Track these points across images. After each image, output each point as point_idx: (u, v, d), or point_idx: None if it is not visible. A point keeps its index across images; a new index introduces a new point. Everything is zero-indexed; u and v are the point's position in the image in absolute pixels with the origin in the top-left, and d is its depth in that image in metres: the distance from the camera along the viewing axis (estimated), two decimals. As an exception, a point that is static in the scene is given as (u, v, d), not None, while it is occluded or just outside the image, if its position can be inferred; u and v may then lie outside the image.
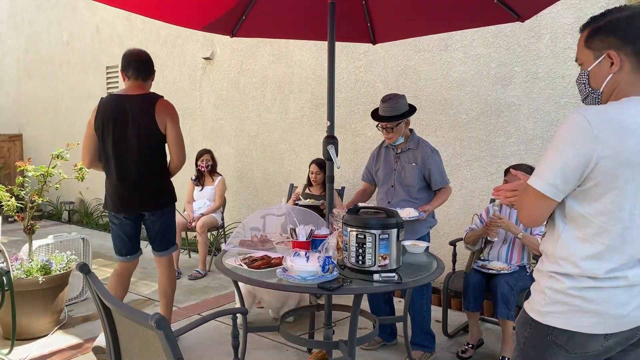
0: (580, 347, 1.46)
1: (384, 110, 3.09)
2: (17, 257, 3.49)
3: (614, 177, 1.37)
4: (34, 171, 3.54)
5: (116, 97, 3.09)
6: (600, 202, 1.40)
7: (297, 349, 3.31)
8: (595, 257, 1.42)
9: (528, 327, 1.54)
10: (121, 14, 7.01)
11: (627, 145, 1.35)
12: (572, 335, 1.45)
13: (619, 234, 1.40)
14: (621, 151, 1.35)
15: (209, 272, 5.03)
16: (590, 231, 1.42)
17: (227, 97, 6.03)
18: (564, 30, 3.76)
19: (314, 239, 2.50)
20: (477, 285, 3.15)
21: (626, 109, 1.38)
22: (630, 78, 1.43)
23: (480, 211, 3.53)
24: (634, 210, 1.40)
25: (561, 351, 1.48)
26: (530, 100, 3.94)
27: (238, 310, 2.32)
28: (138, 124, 2.99)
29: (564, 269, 1.46)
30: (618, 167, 1.36)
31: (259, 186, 5.84)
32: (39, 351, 3.25)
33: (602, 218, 1.41)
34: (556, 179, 1.40)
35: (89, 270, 1.63)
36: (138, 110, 3.00)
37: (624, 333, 1.44)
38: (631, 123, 1.36)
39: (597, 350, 1.47)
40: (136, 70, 3.06)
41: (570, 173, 1.39)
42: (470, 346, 3.28)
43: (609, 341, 1.45)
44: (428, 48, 4.44)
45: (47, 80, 8.39)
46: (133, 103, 3.01)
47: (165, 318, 1.26)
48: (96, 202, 7.74)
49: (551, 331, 1.48)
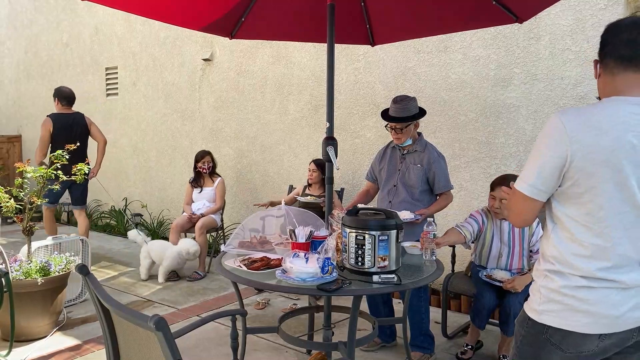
0: (574, 346, 1.47)
1: (395, 111, 3.12)
2: (16, 258, 3.49)
3: (590, 176, 1.40)
4: (33, 172, 3.54)
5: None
6: (580, 201, 1.44)
7: (296, 351, 3.30)
8: (585, 256, 1.44)
9: (525, 326, 1.57)
10: (120, 15, 7.01)
11: (601, 144, 1.38)
12: (566, 335, 1.46)
13: (604, 233, 1.42)
14: (595, 150, 1.38)
15: (208, 273, 5.03)
16: (575, 231, 1.45)
17: (227, 99, 6.03)
18: (563, 32, 3.77)
19: (313, 240, 2.50)
20: (492, 306, 3.08)
21: (601, 109, 1.43)
22: (606, 80, 1.49)
23: (472, 211, 3.46)
24: (615, 209, 1.41)
25: (556, 350, 1.49)
26: (529, 102, 3.95)
27: (237, 312, 2.32)
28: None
29: (556, 267, 1.48)
30: (593, 165, 1.39)
31: (258, 187, 5.84)
32: (38, 353, 3.24)
33: (585, 218, 1.44)
34: (536, 180, 1.47)
35: (87, 272, 1.63)
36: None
37: (618, 334, 1.45)
38: (606, 123, 1.39)
39: (592, 351, 1.47)
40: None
41: (549, 174, 1.45)
42: (469, 347, 3.28)
43: (604, 342, 1.45)
44: (427, 49, 4.45)
45: (46, 81, 8.39)
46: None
47: (165, 319, 1.25)
48: (95, 203, 7.73)
49: (546, 330, 1.49)
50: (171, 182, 6.72)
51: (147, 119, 6.96)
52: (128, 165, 7.31)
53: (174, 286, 4.65)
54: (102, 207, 7.67)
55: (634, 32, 1.42)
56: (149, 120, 6.94)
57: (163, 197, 6.85)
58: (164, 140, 6.78)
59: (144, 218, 6.89)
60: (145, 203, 7.00)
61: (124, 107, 7.25)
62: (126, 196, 7.31)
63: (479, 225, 3.24)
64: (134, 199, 7.22)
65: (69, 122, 5.25)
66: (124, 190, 7.38)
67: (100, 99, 7.57)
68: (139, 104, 7.04)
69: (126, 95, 7.20)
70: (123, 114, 7.28)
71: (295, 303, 4.21)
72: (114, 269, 5.24)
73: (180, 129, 6.57)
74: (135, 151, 7.18)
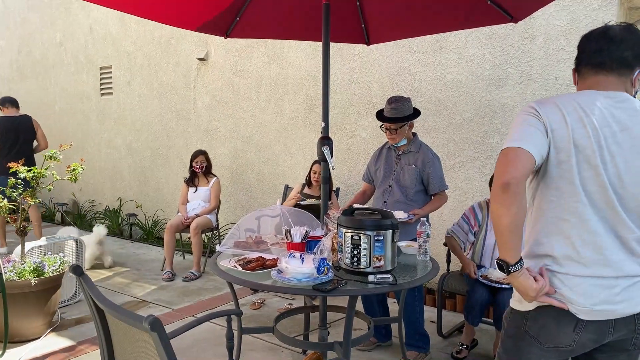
0: (551, 339, 1.50)
1: (389, 112, 3.13)
2: (9, 259, 3.47)
3: (566, 152, 1.46)
4: (27, 172, 3.52)
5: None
6: (556, 184, 1.49)
7: (292, 351, 3.30)
8: (558, 241, 1.50)
9: (507, 319, 1.63)
10: (115, 14, 6.98)
11: (568, 124, 1.46)
12: (542, 326, 1.51)
13: (570, 222, 1.48)
14: (564, 128, 1.46)
15: (203, 273, 5.02)
16: (550, 215, 1.51)
17: (222, 98, 6.02)
18: (557, 32, 3.78)
19: (309, 241, 2.50)
20: (484, 302, 3.11)
21: (568, 96, 1.54)
22: (582, 86, 1.60)
23: (465, 210, 3.48)
24: (586, 197, 1.46)
25: (534, 342, 1.53)
26: (524, 102, 3.96)
27: (233, 312, 2.31)
28: None
29: (533, 249, 1.55)
30: (566, 141, 1.46)
31: (253, 187, 5.83)
32: (32, 354, 3.23)
33: (558, 201, 1.49)
34: (523, 136, 1.48)
35: (82, 272, 1.62)
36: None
37: (594, 326, 1.47)
38: (572, 107, 1.48)
39: (570, 346, 1.50)
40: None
41: (538, 134, 1.47)
42: (464, 347, 3.29)
43: (579, 335, 1.48)
44: (422, 49, 4.46)
45: (40, 81, 8.34)
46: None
47: (160, 320, 1.25)
48: (89, 203, 7.70)
49: (525, 321, 1.54)
50: (166, 182, 6.69)
51: (141, 119, 6.93)
52: (122, 165, 7.28)
53: (169, 286, 4.64)
54: (96, 207, 7.64)
55: (601, 42, 1.54)
56: (143, 120, 6.91)
57: (158, 197, 6.82)
58: (158, 140, 6.75)
59: (139, 218, 6.87)
60: (139, 203, 6.98)
61: (119, 106, 7.22)
62: (120, 196, 7.28)
63: (469, 225, 3.28)
64: (128, 199, 7.19)
65: (15, 124, 5.56)
66: (119, 190, 7.34)
67: (95, 99, 7.53)
68: (133, 103, 7.01)
69: (121, 95, 7.17)
70: (117, 114, 7.25)
71: (290, 303, 4.21)
72: (108, 269, 5.22)
73: (175, 128, 6.54)
74: (130, 151, 7.15)
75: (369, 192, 3.46)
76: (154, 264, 5.37)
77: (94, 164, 7.52)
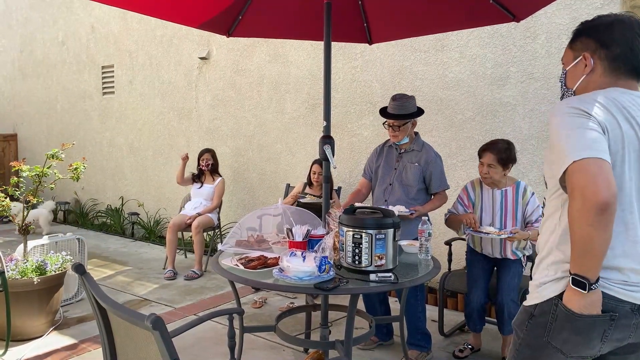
0: (577, 349, 1.43)
1: (393, 109, 3.13)
2: (11, 257, 3.48)
3: (619, 155, 1.37)
4: (29, 171, 3.53)
5: None
6: None
7: (293, 349, 3.31)
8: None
9: (525, 328, 1.53)
10: (117, 13, 6.99)
11: (621, 125, 1.37)
12: (567, 339, 1.43)
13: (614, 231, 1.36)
14: (617, 129, 1.37)
15: (205, 272, 5.02)
16: None
17: (223, 97, 6.02)
18: (559, 31, 3.78)
19: (311, 239, 2.50)
20: (481, 307, 3.11)
21: (601, 95, 1.42)
22: (600, 81, 1.48)
23: (459, 192, 3.42)
24: (637, 204, 1.39)
25: (557, 354, 1.46)
26: (525, 101, 3.96)
27: (234, 311, 2.31)
28: None
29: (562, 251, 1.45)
30: (620, 143, 1.37)
31: (255, 186, 5.83)
32: (34, 352, 3.23)
33: None
34: (590, 143, 1.31)
35: (84, 271, 1.62)
36: None
37: (621, 329, 1.42)
38: (615, 107, 1.39)
39: (594, 355, 1.45)
40: None
41: (602, 137, 1.33)
42: (469, 347, 3.28)
43: (604, 345, 1.43)
44: (424, 48, 4.45)
45: (42, 80, 8.35)
46: None
47: (161, 318, 1.25)
48: (92, 202, 7.71)
49: (547, 332, 1.46)
50: (168, 180, 6.70)
51: (143, 118, 6.94)
52: (124, 164, 7.29)
53: (171, 285, 4.65)
54: (98, 206, 7.65)
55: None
56: (145, 119, 6.92)
57: (160, 195, 6.83)
58: (160, 138, 6.76)
59: (141, 217, 6.88)
60: (141, 202, 6.99)
61: (120, 105, 7.23)
62: (122, 195, 7.29)
63: (464, 206, 3.27)
64: (130, 197, 7.20)
65: None
66: (121, 189, 7.36)
67: (97, 98, 7.54)
68: (135, 102, 7.02)
69: (122, 94, 7.18)
70: (119, 113, 7.26)
71: (292, 302, 4.21)
72: (110, 267, 5.23)
73: (177, 127, 6.55)
74: (132, 150, 7.16)
75: (365, 190, 3.41)
76: (156, 263, 5.38)
77: (95, 163, 7.53)
